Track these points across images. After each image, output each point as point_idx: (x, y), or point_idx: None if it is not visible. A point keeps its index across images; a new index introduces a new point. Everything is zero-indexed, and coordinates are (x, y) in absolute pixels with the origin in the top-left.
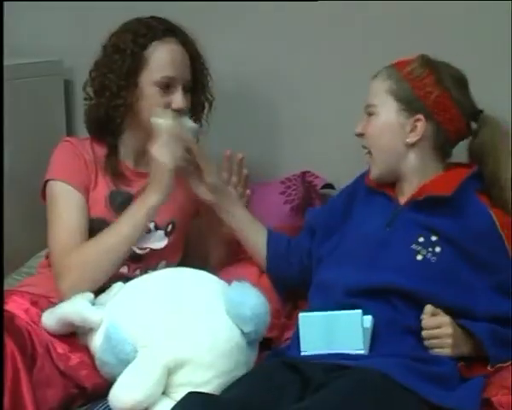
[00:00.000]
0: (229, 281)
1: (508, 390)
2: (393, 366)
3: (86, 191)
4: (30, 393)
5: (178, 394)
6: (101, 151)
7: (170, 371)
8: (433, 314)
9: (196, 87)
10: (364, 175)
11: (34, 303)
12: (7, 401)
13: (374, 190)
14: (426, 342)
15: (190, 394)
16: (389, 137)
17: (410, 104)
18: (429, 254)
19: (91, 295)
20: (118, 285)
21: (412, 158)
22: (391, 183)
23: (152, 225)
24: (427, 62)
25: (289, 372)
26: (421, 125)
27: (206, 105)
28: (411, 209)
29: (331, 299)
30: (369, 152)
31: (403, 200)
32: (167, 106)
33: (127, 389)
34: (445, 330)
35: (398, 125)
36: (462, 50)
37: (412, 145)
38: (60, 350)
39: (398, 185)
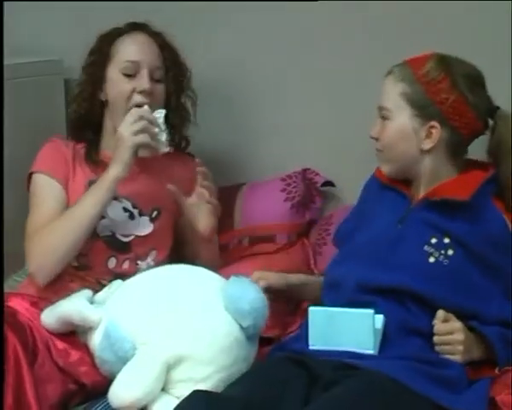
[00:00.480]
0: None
1: (508, 389)
2: (402, 369)
3: (67, 185)
4: (32, 387)
5: (178, 390)
6: (83, 148)
7: (169, 368)
8: (446, 320)
9: (167, 76)
10: (375, 171)
11: (34, 304)
12: (10, 395)
13: (386, 186)
14: (437, 348)
15: (194, 392)
16: (404, 143)
17: (425, 109)
18: (442, 257)
19: (90, 293)
20: (116, 283)
21: (427, 162)
22: (403, 179)
23: (136, 212)
24: (441, 62)
25: (294, 367)
26: (437, 132)
27: (188, 104)
28: (424, 209)
29: (342, 295)
30: (381, 150)
31: (417, 198)
32: (132, 92)
33: (126, 387)
34: (457, 336)
35: (413, 131)
36: (461, 50)
37: (427, 151)
38: (60, 346)
39: (414, 185)
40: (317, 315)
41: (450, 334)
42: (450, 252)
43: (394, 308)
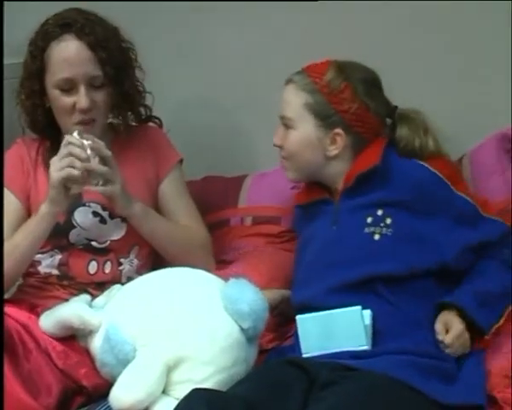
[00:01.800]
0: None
1: (508, 380)
2: (398, 365)
3: (27, 197)
4: (22, 386)
5: (178, 391)
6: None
7: (169, 369)
8: (446, 327)
9: (110, 80)
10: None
11: (32, 310)
12: None
13: (308, 204)
14: (452, 354)
15: (194, 390)
16: (309, 152)
17: (329, 119)
18: (384, 230)
19: (88, 297)
20: (116, 287)
21: (334, 166)
22: (316, 189)
23: (106, 214)
24: (341, 70)
25: (293, 369)
26: (341, 138)
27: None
28: (347, 198)
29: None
30: (285, 158)
31: (337, 196)
32: (73, 107)
33: (127, 389)
34: (464, 335)
35: (317, 139)
36: (462, 50)
37: (332, 157)
38: (59, 349)
39: (331, 186)
40: (306, 322)
41: (457, 339)
42: (389, 220)
43: (372, 302)
